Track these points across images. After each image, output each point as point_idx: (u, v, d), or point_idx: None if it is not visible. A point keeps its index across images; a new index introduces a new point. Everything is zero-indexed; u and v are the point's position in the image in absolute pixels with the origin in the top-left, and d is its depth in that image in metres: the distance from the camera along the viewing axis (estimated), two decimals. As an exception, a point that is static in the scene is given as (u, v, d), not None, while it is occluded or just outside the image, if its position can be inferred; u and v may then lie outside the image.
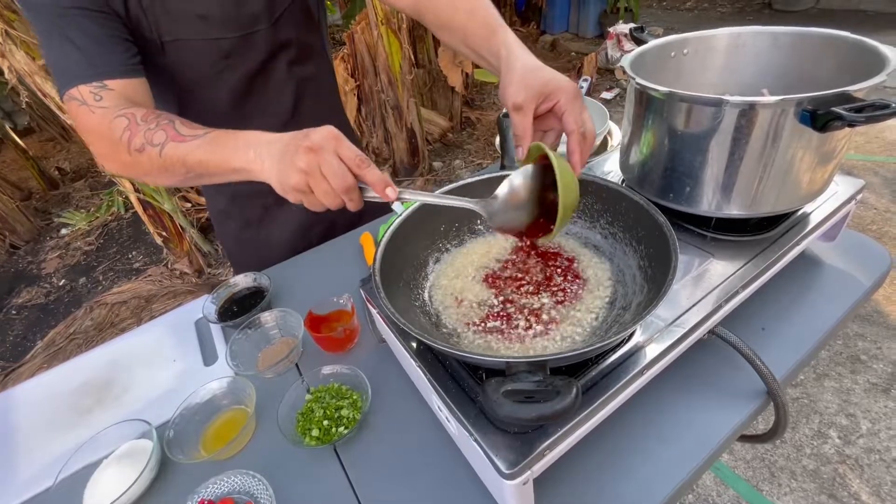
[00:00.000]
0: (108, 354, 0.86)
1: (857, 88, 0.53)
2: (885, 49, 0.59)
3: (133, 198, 2.49)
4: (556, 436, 0.46)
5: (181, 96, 0.84)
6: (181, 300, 2.43)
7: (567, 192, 0.52)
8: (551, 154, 0.53)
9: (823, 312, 0.72)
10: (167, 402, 0.71)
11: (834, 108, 0.51)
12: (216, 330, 0.86)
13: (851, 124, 0.49)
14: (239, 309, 0.87)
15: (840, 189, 0.74)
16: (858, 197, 0.74)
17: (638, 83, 0.65)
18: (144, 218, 2.59)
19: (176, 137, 0.62)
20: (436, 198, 0.57)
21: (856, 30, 0.65)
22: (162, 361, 0.83)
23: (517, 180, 0.58)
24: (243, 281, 0.91)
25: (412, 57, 3.09)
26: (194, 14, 0.75)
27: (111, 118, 0.64)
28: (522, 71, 0.60)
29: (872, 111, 0.49)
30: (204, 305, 0.86)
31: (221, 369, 0.77)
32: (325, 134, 0.51)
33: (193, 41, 0.78)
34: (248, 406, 0.68)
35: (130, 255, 3.10)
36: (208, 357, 0.82)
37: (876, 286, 0.77)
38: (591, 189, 0.69)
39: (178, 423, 0.65)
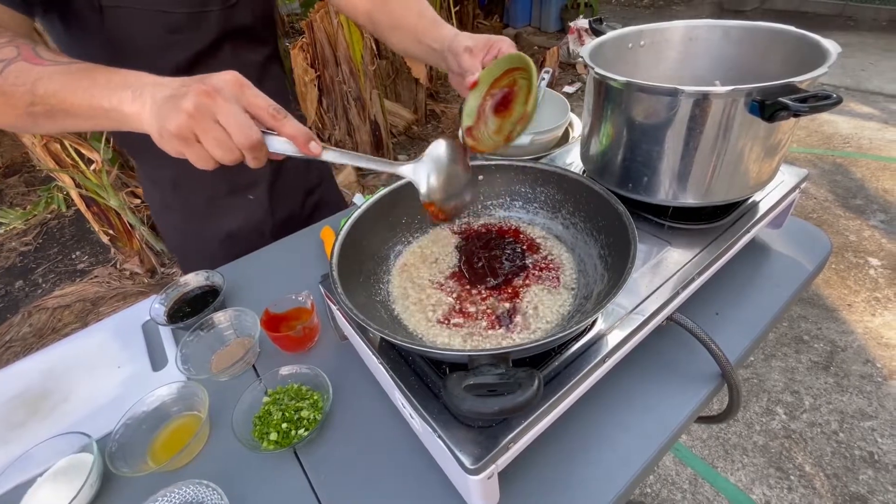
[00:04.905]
0: (43, 363, 0.79)
1: (802, 80, 0.55)
2: (826, 43, 0.62)
3: (74, 194, 2.32)
4: (519, 428, 0.46)
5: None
6: (132, 302, 2.30)
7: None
8: (527, 58, 0.57)
9: (772, 296, 0.75)
10: (111, 412, 0.66)
11: (780, 99, 0.52)
12: (165, 332, 0.81)
13: (797, 114, 0.51)
14: (191, 310, 0.82)
15: (786, 178, 0.77)
16: (802, 186, 0.78)
17: (597, 73, 0.66)
18: (88, 215, 2.42)
19: (31, 58, 0.50)
20: (365, 161, 0.51)
21: (800, 28, 0.68)
22: (105, 368, 0.77)
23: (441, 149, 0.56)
24: (194, 280, 0.86)
25: (374, 47, 3.03)
26: None
27: None
28: (470, 34, 0.69)
29: (815, 101, 0.51)
30: (151, 307, 0.81)
31: (171, 374, 0.73)
32: (229, 78, 0.44)
33: (137, 10, 0.71)
34: (201, 412, 0.64)
35: (74, 256, 2.89)
36: (157, 362, 0.77)
37: (818, 270, 0.81)
38: (553, 179, 0.69)
39: (122, 433, 0.61)
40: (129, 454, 0.60)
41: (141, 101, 0.45)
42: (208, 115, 0.43)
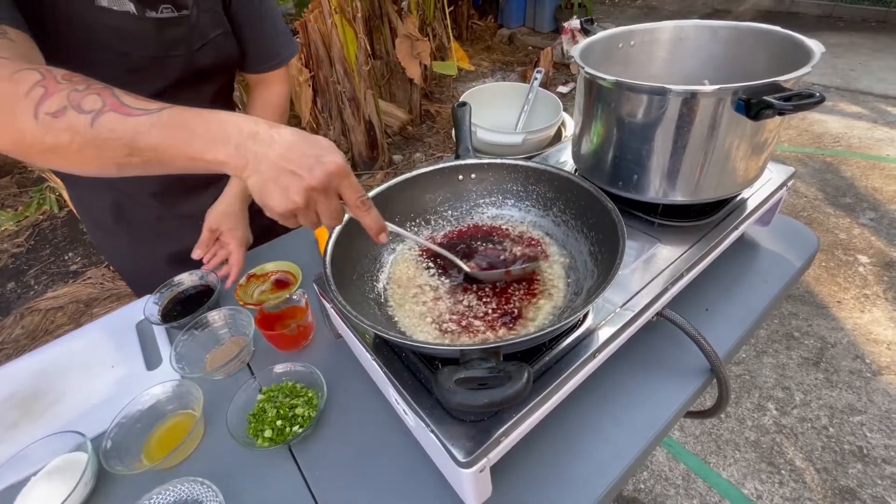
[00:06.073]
0: (36, 363, 0.79)
1: (786, 79, 0.56)
2: (810, 43, 0.63)
3: (66, 195, 2.30)
4: (511, 422, 0.47)
5: None
6: (126, 303, 2.28)
7: None
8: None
9: (760, 292, 0.76)
10: (106, 412, 0.66)
11: (765, 97, 0.53)
12: (160, 332, 0.81)
13: (781, 112, 0.52)
14: (185, 309, 0.82)
15: (773, 176, 0.78)
16: (790, 183, 0.79)
17: (587, 72, 0.66)
18: (81, 216, 2.40)
19: (119, 107, 0.47)
20: (429, 244, 0.61)
21: (788, 29, 0.69)
22: (99, 368, 0.77)
23: None
24: (189, 279, 0.86)
25: (369, 47, 3.03)
26: (104, 24, 0.68)
27: (13, 70, 0.49)
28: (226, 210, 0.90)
29: (799, 100, 0.52)
30: (145, 306, 0.81)
31: (166, 373, 0.73)
32: (335, 170, 0.46)
33: (97, 49, 0.69)
34: (196, 410, 0.64)
35: (67, 257, 2.87)
36: (151, 361, 0.77)
37: (805, 267, 0.83)
38: (544, 178, 0.70)
39: (116, 432, 0.61)
40: (123, 452, 0.60)
41: (244, 160, 0.46)
42: (311, 206, 0.47)
